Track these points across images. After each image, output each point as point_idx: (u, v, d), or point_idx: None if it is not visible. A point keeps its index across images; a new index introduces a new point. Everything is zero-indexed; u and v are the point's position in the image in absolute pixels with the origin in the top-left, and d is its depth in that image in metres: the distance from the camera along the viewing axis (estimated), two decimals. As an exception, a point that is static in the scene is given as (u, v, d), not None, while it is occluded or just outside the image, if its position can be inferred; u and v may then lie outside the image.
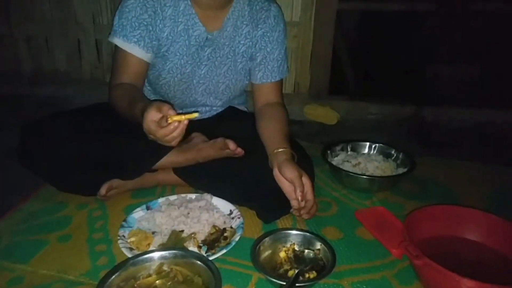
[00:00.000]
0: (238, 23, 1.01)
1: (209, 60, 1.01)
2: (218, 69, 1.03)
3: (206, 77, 1.03)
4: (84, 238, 0.83)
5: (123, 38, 0.94)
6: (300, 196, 0.83)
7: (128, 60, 0.95)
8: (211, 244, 0.81)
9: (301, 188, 0.83)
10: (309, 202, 0.85)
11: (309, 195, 0.85)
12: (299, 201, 0.83)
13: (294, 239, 0.80)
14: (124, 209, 0.94)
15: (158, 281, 0.67)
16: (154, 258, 0.70)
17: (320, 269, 0.74)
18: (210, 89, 1.06)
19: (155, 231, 0.84)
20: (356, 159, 1.13)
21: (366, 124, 1.66)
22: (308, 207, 0.85)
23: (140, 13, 0.93)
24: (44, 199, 0.98)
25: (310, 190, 0.86)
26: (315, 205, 0.86)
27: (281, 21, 1.05)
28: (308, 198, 0.85)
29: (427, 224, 0.80)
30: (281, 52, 1.05)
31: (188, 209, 0.89)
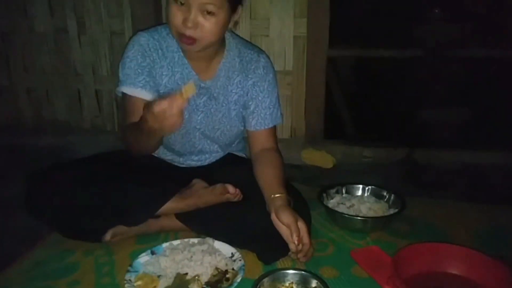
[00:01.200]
0: (229, 73, 1.14)
1: (205, 107, 1.15)
2: (214, 115, 1.16)
3: (202, 123, 1.16)
4: (92, 284, 0.93)
5: (129, 86, 1.06)
6: (297, 240, 0.94)
7: (137, 105, 1.01)
8: (214, 285, 0.90)
9: (297, 232, 0.94)
10: (305, 245, 0.95)
11: (305, 239, 0.96)
12: (296, 245, 0.94)
13: (292, 278, 0.90)
14: (130, 254, 1.04)
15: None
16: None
17: (319, 303, 0.83)
18: (207, 134, 1.18)
19: (160, 275, 0.94)
20: (350, 201, 1.25)
21: (360, 167, 1.79)
22: (305, 250, 0.95)
23: (141, 60, 1.06)
24: (51, 246, 1.08)
25: (306, 234, 0.96)
26: (311, 248, 0.97)
27: (270, 71, 1.18)
28: (305, 242, 0.96)
29: (414, 261, 0.91)
30: (273, 100, 1.18)
31: (191, 252, 0.99)
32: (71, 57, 1.99)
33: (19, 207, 1.07)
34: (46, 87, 2.07)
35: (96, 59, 1.98)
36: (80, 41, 1.95)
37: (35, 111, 2.11)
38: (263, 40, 1.78)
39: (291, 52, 1.81)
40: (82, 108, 2.06)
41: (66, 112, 2.08)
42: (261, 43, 1.76)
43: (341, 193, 1.33)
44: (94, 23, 1.91)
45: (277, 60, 1.79)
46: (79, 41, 1.95)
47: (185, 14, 0.94)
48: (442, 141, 1.91)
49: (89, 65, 2.00)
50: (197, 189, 1.11)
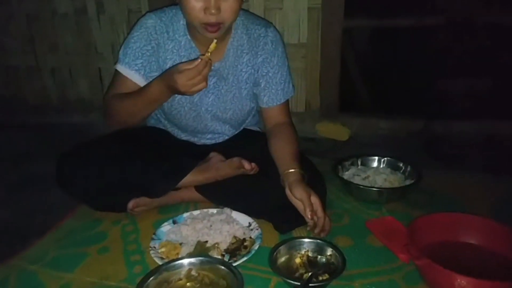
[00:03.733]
0: (238, 52, 1.10)
1: (215, 88, 1.13)
2: (224, 96, 1.14)
3: (213, 105, 1.14)
4: (120, 250, 0.97)
5: (125, 66, 1.06)
6: (310, 215, 0.94)
7: (127, 84, 1.06)
8: (233, 252, 0.93)
9: (310, 207, 0.94)
10: (320, 219, 0.95)
11: (319, 212, 0.96)
12: (310, 219, 0.94)
13: (307, 246, 0.91)
14: (153, 224, 1.07)
15: (188, 283, 0.79)
16: (184, 265, 0.82)
17: (332, 272, 0.85)
18: (218, 115, 1.17)
19: (182, 242, 0.97)
20: (366, 173, 1.24)
21: (376, 139, 1.76)
22: (320, 223, 0.96)
23: (144, 44, 1.05)
24: (81, 217, 1.12)
25: (320, 208, 0.96)
26: (327, 221, 0.97)
27: (279, 45, 1.13)
28: (319, 215, 0.96)
29: (429, 230, 0.90)
30: (283, 74, 1.14)
31: (210, 222, 1.02)
32: (91, 37, 2.01)
33: (50, 182, 1.11)
34: (69, 66, 2.10)
35: (115, 37, 1.98)
36: (100, 21, 1.95)
37: (59, 90, 2.15)
38: (277, 13, 1.72)
39: (306, 24, 1.75)
40: (103, 87, 2.09)
41: (88, 91, 2.11)
42: (275, 16, 1.72)
43: (356, 165, 1.32)
44: (112, 2, 1.90)
45: (292, 32, 1.74)
46: (98, 20, 1.95)
47: (204, 3, 0.91)
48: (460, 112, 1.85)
49: (109, 44, 2.00)
50: (214, 163, 1.13)
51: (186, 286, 0.79)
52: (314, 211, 0.95)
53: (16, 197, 1.30)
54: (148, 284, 0.77)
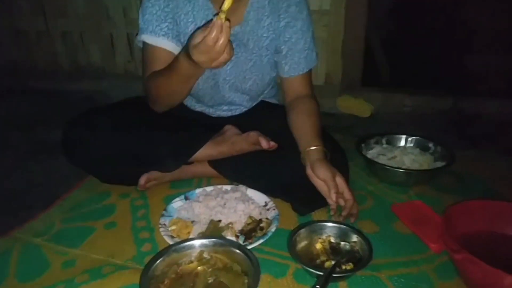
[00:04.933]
0: (259, 15, 0.98)
1: (234, 56, 1.02)
2: (244, 64, 1.03)
3: (232, 74, 1.03)
4: (128, 226, 0.90)
5: (150, 34, 0.94)
6: (335, 197, 0.85)
7: (158, 55, 0.94)
8: (248, 234, 0.85)
9: (335, 189, 0.85)
10: (348, 201, 0.86)
11: (346, 194, 0.87)
12: (334, 202, 0.85)
13: (330, 231, 0.83)
14: (164, 199, 1.00)
15: (200, 267, 0.72)
16: (195, 246, 0.75)
17: (357, 261, 0.76)
18: (237, 85, 1.06)
19: (194, 220, 0.89)
20: (392, 152, 1.13)
21: (400, 116, 1.64)
22: (349, 207, 0.86)
23: (164, 5, 0.93)
24: (89, 189, 1.05)
25: (347, 189, 0.87)
26: (355, 204, 0.88)
27: (304, 8, 1.01)
28: (347, 197, 0.87)
29: (466, 219, 0.80)
30: (307, 41, 1.02)
31: (224, 199, 0.93)
32: (102, 0, 1.89)
33: (58, 151, 1.04)
34: (80, 31, 2.00)
35: (127, 1, 1.87)
36: (111, -18, 1.84)
37: (70, 56, 2.06)
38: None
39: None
40: (115, 52, 1.99)
41: (100, 57, 2.02)
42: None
43: (381, 144, 1.21)
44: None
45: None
46: (110, -18, 1.84)
47: None
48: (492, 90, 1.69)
49: (120, 7, 1.89)
50: (230, 136, 1.03)
51: (197, 270, 0.71)
52: (340, 193, 0.86)
53: (23, 165, 1.24)
54: (156, 266, 0.70)
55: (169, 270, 0.71)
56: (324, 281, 0.66)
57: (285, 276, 0.75)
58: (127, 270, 0.76)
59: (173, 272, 0.71)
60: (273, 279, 0.74)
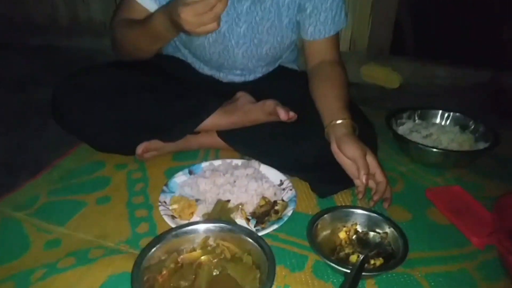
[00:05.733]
0: None
1: (248, 15, 0.87)
2: (260, 25, 0.89)
3: (246, 36, 0.90)
4: (123, 202, 0.79)
5: None
6: (365, 179, 0.73)
7: (134, 8, 0.87)
8: (261, 217, 0.74)
9: (365, 169, 0.73)
10: (381, 184, 0.75)
11: (379, 176, 0.75)
12: (364, 184, 0.73)
13: (356, 218, 0.71)
14: (165, 172, 0.89)
15: (203, 257, 0.61)
16: (199, 231, 0.64)
17: (388, 256, 0.65)
18: (252, 50, 0.93)
19: (198, 199, 0.78)
20: (428, 129, 0.99)
21: (432, 89, 1.48)
22: (381, 190, 0.75)
23: None
24: (82, 157, 0.94)
25: (379, 170, 0.75)
26: (389, 187, 0.76)
27: None
28: (379, 179, 0.75)
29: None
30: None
31: (234, 176, 0.82)
32: None
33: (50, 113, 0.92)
34: (80, -18, 1.83)
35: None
36: None
37: (70, 9, 1.90)
38: None
39: None
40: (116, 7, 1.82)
41: (101, 12, 1.86)
42: None
43: (413, 119, 1.07)
44: None
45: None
46: None
47: None
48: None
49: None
50: (242, 104, 0.91)
51: (200, 259, 0.61)
52: (371, 174, 0.74)
53: (12, 126, 1.13)
54: (153, 254, 0.59)
55: (168, 258, 0.60)
56: (352, 282, 0.55)
57: (303, 269, 0.65)
58: (119, 254, 0.65)
59: (173, 261, 0.60)
60: (289, 273, 0.64)
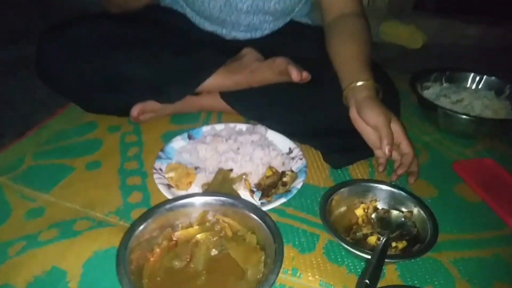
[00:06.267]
0: None
1: None
2: None
3: None
4: (115, 168, 0.71)
5: None
6: (388, 150, 0.63)
7: None
8: (267, 189, 0.65)
9: (389, 139, 0.62)
10: (407, 156, 0.65)
11: (405, 146, 0.65)
12: (387, 155, 0.63)
13: (377, 194, 0.62)
14: (162, 136, 0.80)
15: (201, 234, 0.53)
16: (197, 204, 0.55)
17: (413, 239, 0.56)
18: (258, 4, 0.81)
19: (198, 167, 0.70)
20: (459, 94, 0.87)
21: (459, 49, 1.33)
22: (407, 163, 0.65)
23: None
24: (73, 117, 0.85)
25: (405, 140, 0.65)
26: (416, 160, 0.66)
27: None
28: (405, 151, 0.65)
29: None
30: None
31: (238, 143, 0.73)
32: None
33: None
34: None
35: None
36: None
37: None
38: None
39: None
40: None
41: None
42: None
43: (440, 82, 0.95)
44: None
45: None
46: None
47: None
48: None
49: None
50: (249, 62, 0.79)
51: (197, 237, 0.53)
52: (395, 144, 0.64)
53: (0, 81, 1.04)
54: (144, 229, 0.51)
55: (161, 233, 0.53)
56: (374, 270, 0.47)
57: (313, 250, 0.57)
58: (107, 227, 0.58)
59: (166, 238, 0.53)
60: (298, 254, 0.56)
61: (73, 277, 0.50)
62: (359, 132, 0.67)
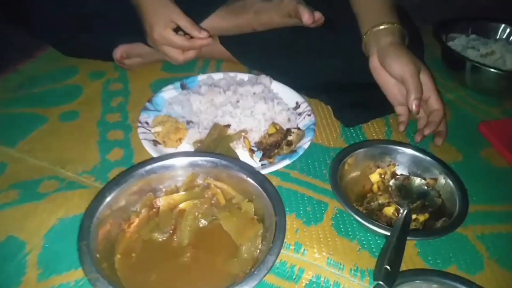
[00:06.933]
0: None
1: None
2: None
3: None
4: (94, 119, 0.59)
5: None
6: (416, 106, 0.51)
7: None
8: (269, 149, 0.54)
9: (418, 92, 0.51)
10: (436, 113, 0.54)
11: (434, 101, 0.53)
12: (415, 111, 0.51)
13: (397, 158, 0.51)
14: (151, 84, 0.67)
15: (188, 202, 0.43)
16: (185, 165, 0.45)
17: (437, 211, 0.46)
18: None
19: (190, 121, 0.58)
20: (488, 46, 0.73)
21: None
22: (436, 121, 0.53)
23: None
24: (51, 61, 0.71)
25: (436, 95, 0.54)
26: (445, 120, 0.55)
27: None
28: (434, 106, 0.54)
29: None
30: None
31: (237, 95, 0.60)
32: None
33: None
34: None
35: None
36: None
37: None
38: None
39: None
40: None
41: None
42: None
43: (466, 33, 0.80)
44: None
45: None
46: None
47: None
48: None
49: None
50: (253, 2, 0.65)
51: (183, 206, 0.43)
52: (424, 99, 0.52)
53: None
54: (119, 194, 0.41)
55: (140, 201, 0.43)
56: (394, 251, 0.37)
57: (320, 222, 0.47)
58: (78, 189, 0.47)
59: (146, 205, 0.43)
60: (302, 226, 0.46)
61: (33, 248, 0.40)
62: (379, 85, 0.55)
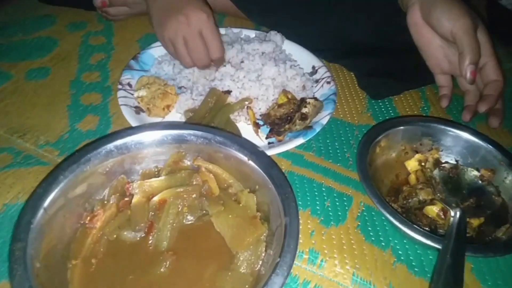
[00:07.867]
0: None
1: None
2: None
3: None
4: (67, 78, 0.46)
5: None
6: (471, 73, 0.37)
7: None
8: (278, 124, 0.41)
9: (474, 54, 0.37)
10: (494, 85, 0.40)
11: (492, 70, 0.40)
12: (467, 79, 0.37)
13: (441, 140, 0.38)
14: (140, 40, 0.53)
15: (169, 190, 0.30)
16: (169, 140, 0.33)
17: (496, 214, 0.34)
18: None
19: (182, 86, 0.45)
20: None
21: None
22: (495, 95, 0.39)
23: None
24: (24, 9, 0.58)
25: (494, 61, 0.40)
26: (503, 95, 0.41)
27: None
28: (492, 76, 0.40)
29: None
30: None
31: (242, 53, 0.47)
32: None
33: None
34: None
35: None
36: None
37: None
38: None
39: None
40: None
41: None
42: None
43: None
44: None
45: None
46: None
47: None
48: None
49: None
50: None
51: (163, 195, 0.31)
52: (481, 65, 0.38)
53: None
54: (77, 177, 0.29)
55: (109, 186, 0.31)
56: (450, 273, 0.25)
57: (343, 222, 0.34)
58: (34, 166, 0.35)
59: (116, 192, 0.31)
60: (319, 226, 0.33)
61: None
62: (418, 46, 0.41)
